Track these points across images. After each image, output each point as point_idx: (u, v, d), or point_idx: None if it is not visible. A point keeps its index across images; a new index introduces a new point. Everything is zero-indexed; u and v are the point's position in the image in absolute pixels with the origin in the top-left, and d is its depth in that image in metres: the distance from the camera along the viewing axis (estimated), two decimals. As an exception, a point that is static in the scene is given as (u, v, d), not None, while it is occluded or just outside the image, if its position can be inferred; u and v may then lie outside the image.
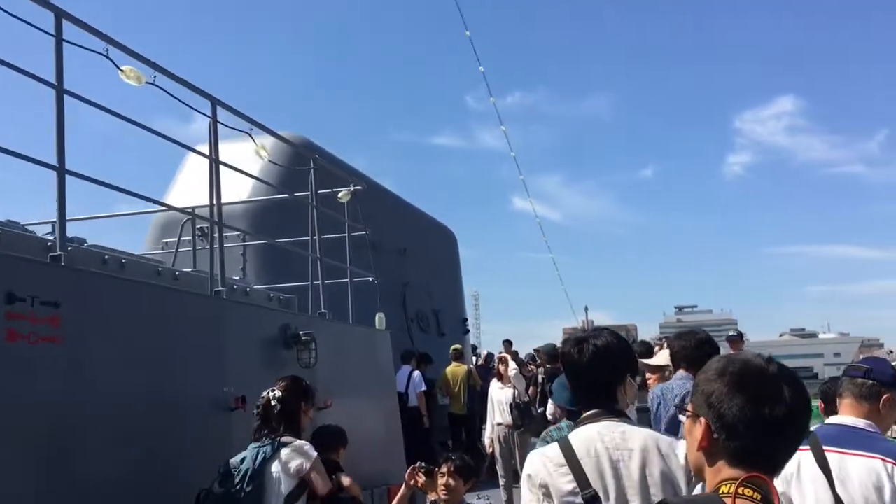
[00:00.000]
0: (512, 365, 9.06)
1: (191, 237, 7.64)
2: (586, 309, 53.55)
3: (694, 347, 4.74)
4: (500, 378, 9.37)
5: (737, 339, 10.84)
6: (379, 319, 7.92)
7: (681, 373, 4.80)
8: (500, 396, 9.21)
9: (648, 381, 5.72)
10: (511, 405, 8.98)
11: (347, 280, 7.71)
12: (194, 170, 12.16)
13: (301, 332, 5.88)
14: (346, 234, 7.77)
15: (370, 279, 8.03)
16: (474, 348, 16.32)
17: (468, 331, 15.19)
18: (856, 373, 3.17)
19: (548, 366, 10.44)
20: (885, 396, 3.06)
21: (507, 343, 18.36)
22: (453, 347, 12.04)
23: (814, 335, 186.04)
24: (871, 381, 3.09)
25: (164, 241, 11.59)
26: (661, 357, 5.95)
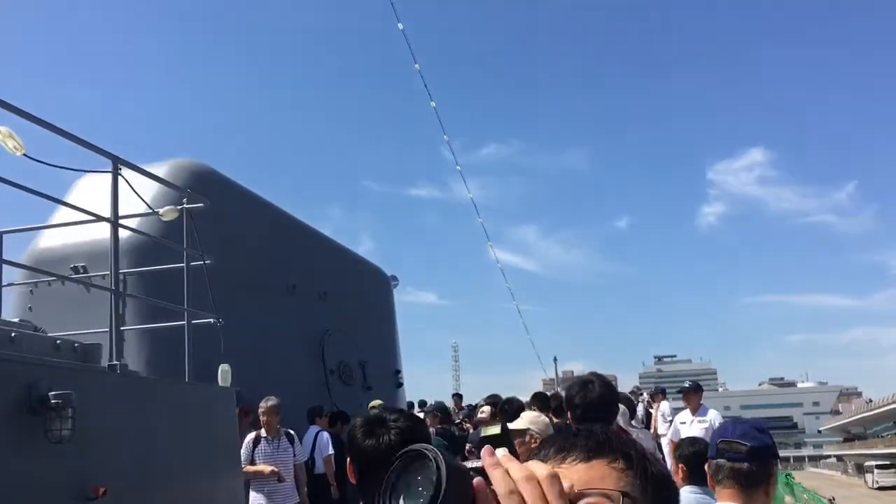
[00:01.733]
0: None
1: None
2: (555, 360, 52.20)
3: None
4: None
5: (690, 392, 9.44)
6: (223, 373, 6.34)
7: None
8: None
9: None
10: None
11: (184, 323, 6.15)
12: None
13: (51, 394, 4.22)
14: (182, 265, 6.20)
15: (211, 321, 6.49)
16: (410, 405, 14.81)
17: (401, 384, 13.61)
18: (737, 456, 2.63)
19: (438, 426, 9.07)
20: (773, 473, 2.67)
21: (457, 397, 16.88)
22: (371, 405, 10.48)
23: (792, 384, 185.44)
24: (755, 465, 2.61)
25: None
26: (524, 419, 4.69)
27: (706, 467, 2.79)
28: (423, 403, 17.58)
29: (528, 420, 4.66)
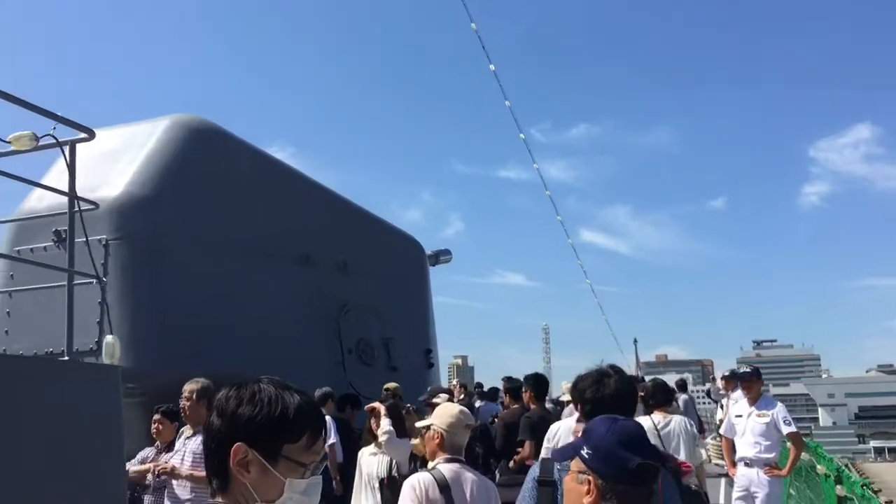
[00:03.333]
0: (384, 424, 6.09)
1: None
2: (635, 342, 50.46)
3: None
4: (372, 438, 6.34)
5: (748, 379, 7.79)
6: (108, 346, 5.17)
7: None
8: (369, 467, 6.17)
9: None
10: (382, 480, 5.93)
11: (65, 284, 5.02)
12: None
13: None
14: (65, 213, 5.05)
15: (92, 282, 5.37)
16: (479, 385, 13.55)
17: (432, 364, 12.35)
18: None
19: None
20: None
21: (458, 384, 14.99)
22: (386, 387, 9.31)
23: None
24: None
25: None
26: (435, 413, 4.61)
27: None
28: (478, 385, 16.30)
29: (437, 415, 4.54)
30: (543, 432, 6.40)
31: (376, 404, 6.41)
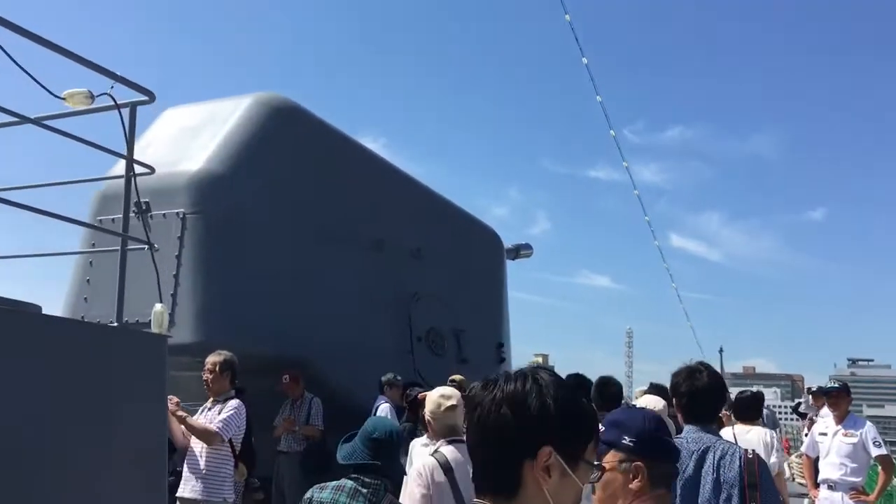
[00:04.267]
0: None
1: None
2: (721, 351, 48.79)
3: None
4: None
5: (836, 395, 7.22)
6: (157, 315, 5.02)
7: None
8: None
9: None
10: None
11: (118, 249, 4.93)
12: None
13: None
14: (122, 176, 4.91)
15: (144, 247, 5.28)
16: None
17: (504, 359, 12.06)
18: None
19: None
20: None
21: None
22: (452, 378, 9.09)
23: None
24: None
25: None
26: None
27: None
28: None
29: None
30: None
31: (425, 393, 6.20)
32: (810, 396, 14.45)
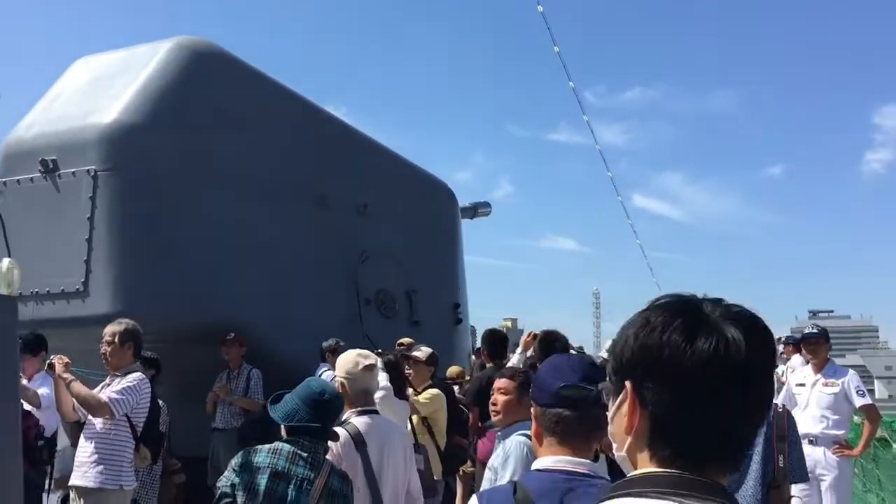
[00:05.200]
0: (380, 379, 5.09)
1: None
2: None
3: None
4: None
5: (814, 341, 6.62)
6: (4, 273, 4.15)
7: None
8: None
9: None
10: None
11: None
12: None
13: None
14: None
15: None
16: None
17: (461, 320, 11.36)
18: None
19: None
20: None
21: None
22: (400, 341, 8.38)
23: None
24: None
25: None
26: None
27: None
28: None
29: (338, 364, 4.51)
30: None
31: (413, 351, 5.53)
32: (780, 346, 13.98)
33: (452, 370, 8.85)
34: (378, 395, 5.10)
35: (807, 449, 6.56)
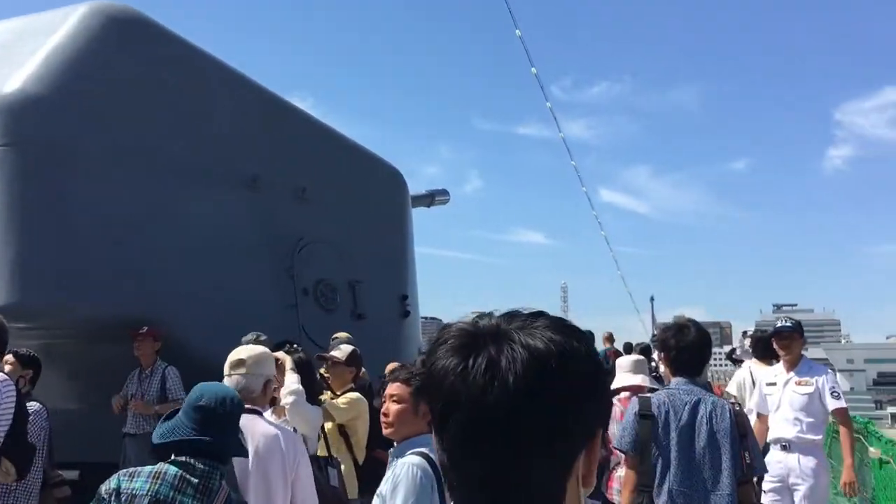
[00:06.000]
0: (290, 381, 4.41)
1: None
2: (652, 300, 48.39)
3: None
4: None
5: (787, 336, 5.97)
6: None
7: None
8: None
9: None
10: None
11: None
12: None
13: None
14: None
15: None
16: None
17: (409, 312, 10.61)
18: None
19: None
20: None
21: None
22: (335, 335, 7.62)
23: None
24: None
25: None
26: None
27: None
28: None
29: None
30: None
31: (280, 354, 4.74)
32: (746, 341, 13.49)
33: (391, 368, 8.02)
34: (287, 399, 4.38)
35: (779, 455, 5.94)
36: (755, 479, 4.12)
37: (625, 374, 5.71)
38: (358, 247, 9.86)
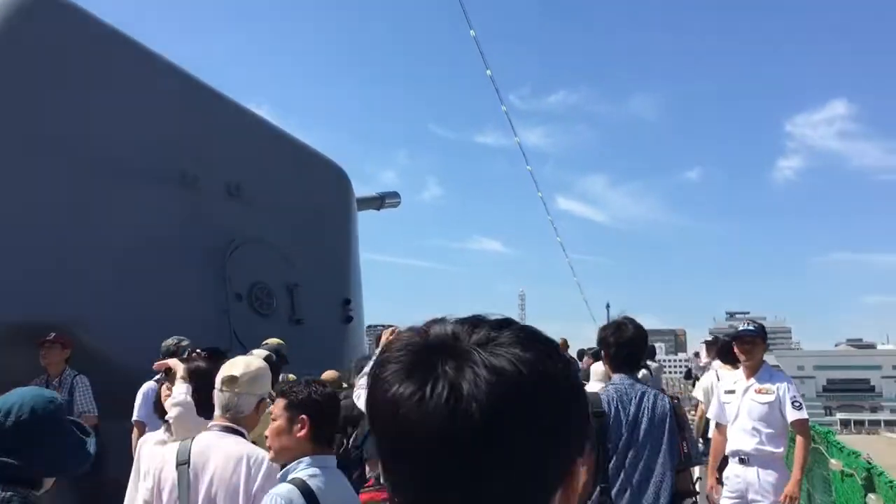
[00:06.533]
0: (178, 391, 3.86)
1: None
2: (608, 307, 48.40)
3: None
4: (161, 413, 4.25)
5: (749, 340, 5.59)
6: None
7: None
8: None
9: None
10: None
11: None
12: None
13: None
14: None
15: None
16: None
17: (351, 318, 10.05)
18: None
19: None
20: None
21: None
22: (266, 341, 7.06)
23: (871, 346, 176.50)
24: None
25: None
26: None
27: None
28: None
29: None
30: None
31: (170, 360, 4.18)
32: (703, 352, 13.21)
33: (328, 375, 7.43)
34: (171, 413, 3.80)
35: (737, 468, 5.53)
36: (693, 468, 4.25)
37: (598, 383, 5.88)
38: (297, 248, 9.30)
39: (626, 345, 4.03)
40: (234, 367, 3.56)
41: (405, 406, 0.83)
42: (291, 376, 5.71)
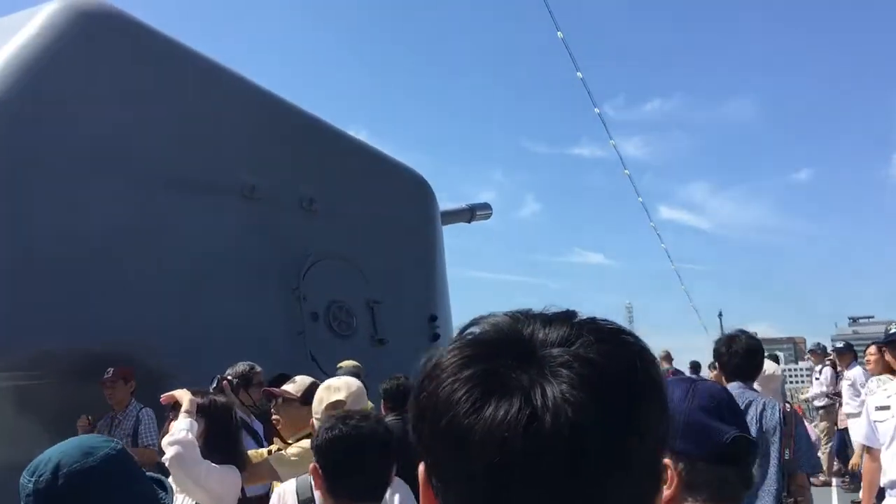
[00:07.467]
0: (178, 426, 3.32)
1: None
2: (720, 316, 46.34)
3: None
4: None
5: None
6: None
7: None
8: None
9: None
10: None
11: None
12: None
13: None
14: None
15: None
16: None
17: (438, 335, 9.37)
18: None
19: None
20: None
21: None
22: (340, 364, 6.49)
23: None
24: None
25: None
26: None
27: None
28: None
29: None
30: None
31: (177, 392, 3.65)
32: (827, 364, 12.11)
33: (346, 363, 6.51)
34: (168, 452, 3.26)
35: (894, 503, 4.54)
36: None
37: None
38: (377, 263, 8.74)
39: (736, 355, 4.16)
40: (334, 391, 3.48)
41: (474, 432, 0.70)
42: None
